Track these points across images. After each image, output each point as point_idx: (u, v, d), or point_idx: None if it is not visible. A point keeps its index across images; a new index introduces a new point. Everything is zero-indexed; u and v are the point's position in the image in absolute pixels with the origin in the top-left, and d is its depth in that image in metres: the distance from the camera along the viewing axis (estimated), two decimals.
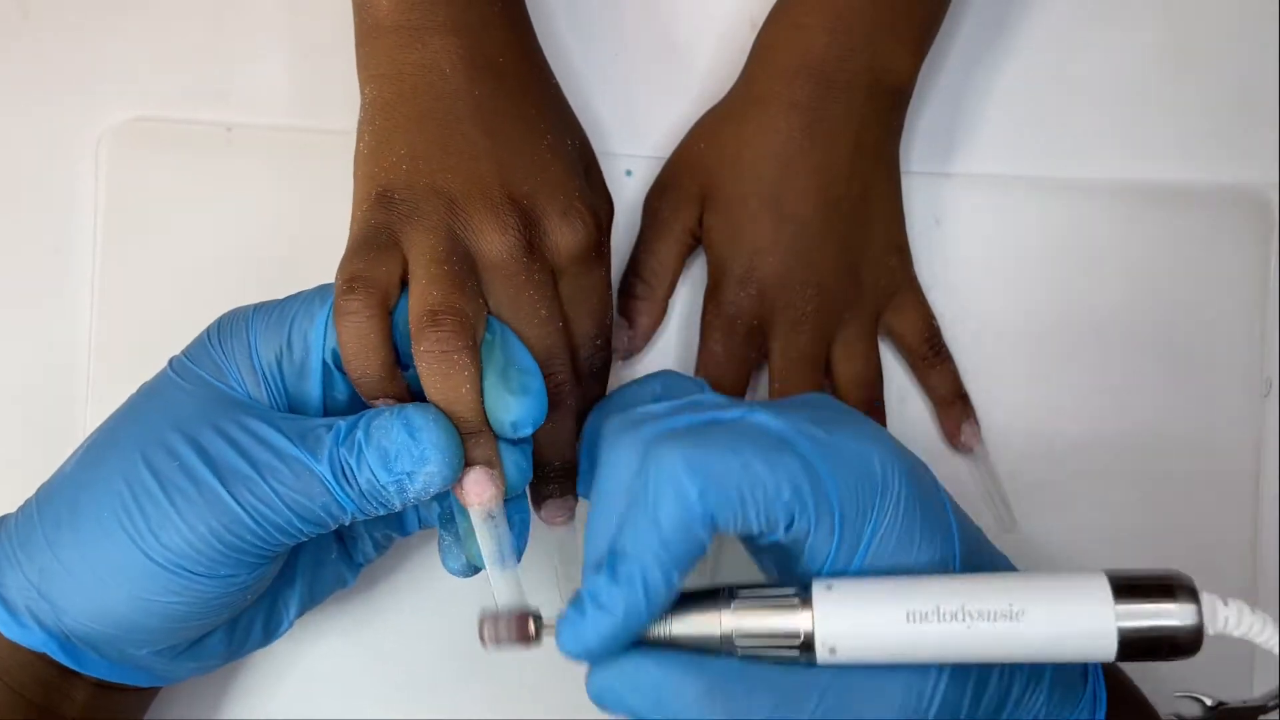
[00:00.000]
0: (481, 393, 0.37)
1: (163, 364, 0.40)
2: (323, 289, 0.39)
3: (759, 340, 0.48)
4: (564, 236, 0.40)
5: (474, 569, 0.40)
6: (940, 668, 0.34)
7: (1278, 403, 0.51)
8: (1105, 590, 0.33)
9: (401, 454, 0.36)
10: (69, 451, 0.44)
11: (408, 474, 0.36)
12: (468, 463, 0.37)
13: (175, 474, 0.36)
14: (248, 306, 0.39)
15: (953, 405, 0.50)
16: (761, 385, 0.49)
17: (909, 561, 0.35)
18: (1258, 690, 0.49)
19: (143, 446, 0.36)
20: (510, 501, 0.39)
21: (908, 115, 0.50)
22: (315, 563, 0.42)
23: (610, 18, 0.51)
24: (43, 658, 0.37)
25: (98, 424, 0.39)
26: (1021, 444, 0.50)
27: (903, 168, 0.50)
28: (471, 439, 0.37)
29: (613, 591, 0.33)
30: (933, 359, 0.50)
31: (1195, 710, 0.49)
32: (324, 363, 0.38)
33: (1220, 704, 0.48)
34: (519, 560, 0.39)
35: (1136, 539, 0.50)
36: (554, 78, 0.45)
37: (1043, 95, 0.52)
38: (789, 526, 0.34)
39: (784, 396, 0.47)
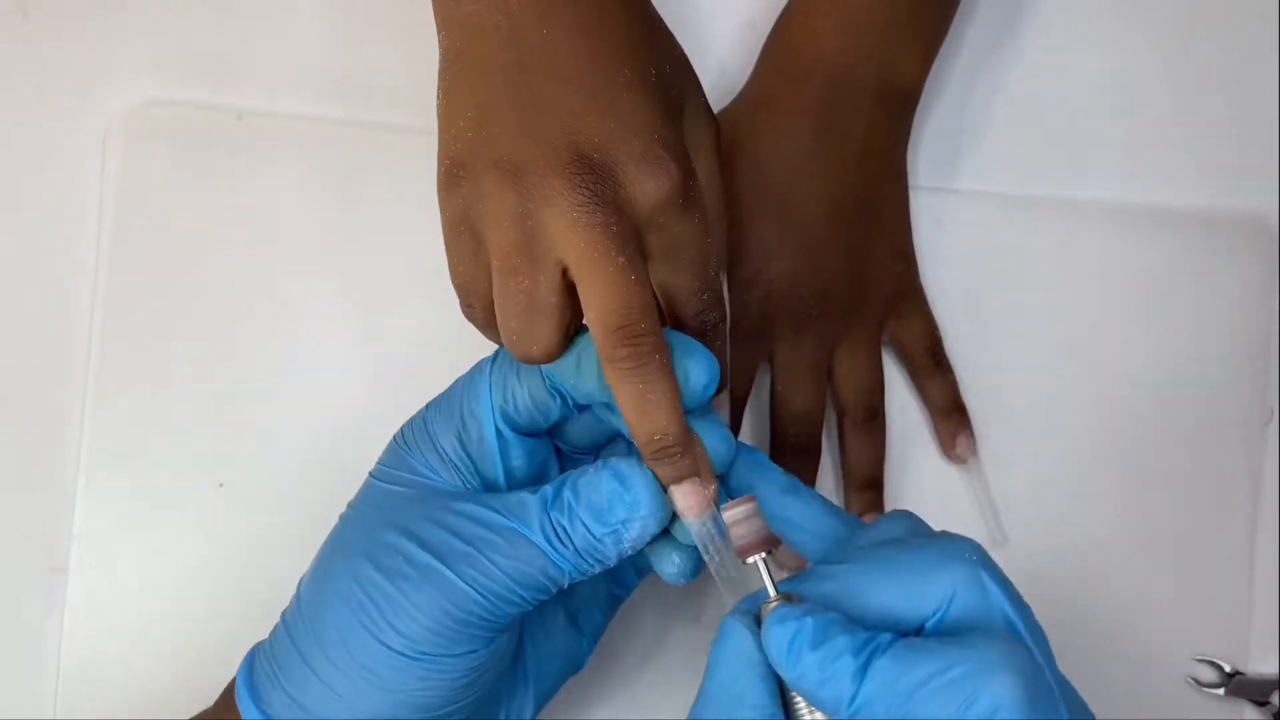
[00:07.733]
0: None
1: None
2: (480, 365, 0.40)
3: (763, 343, 0.48)
4: (642, 187, 0.36)
5: (690, 570, 0.39)
6: None
7: (1278, 431, 0.51)
8: None
9: (614, 504, 0.36)
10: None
11: (622, 523, 0.36)
12: (677, 479, 0.36)
13: (400, 565, 0.36)
14: (423, 408, 0.40)
15: (950, 416, 0.49)
16: (764, 388, 0.49)
17: None
18: (1254, 651, 0.50)
19: (364, 548, 0.37)
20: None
21: (912, 129, 0.49)
22: (543, 643, 0.42)
23: None
24: None
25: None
26: (1017, 460, 0.50)
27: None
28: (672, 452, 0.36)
29: None
30: (933, 369, 0.49)
31: (1211, 676, 0.50)
32: (496, 431, 0.38)
33: (1237, 672, 0.49)
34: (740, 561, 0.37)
35: (1129, 561, 0.50)
36: None
37: (1046, 116, 0.52)
38: None
39: (786, 400, 0.48)
